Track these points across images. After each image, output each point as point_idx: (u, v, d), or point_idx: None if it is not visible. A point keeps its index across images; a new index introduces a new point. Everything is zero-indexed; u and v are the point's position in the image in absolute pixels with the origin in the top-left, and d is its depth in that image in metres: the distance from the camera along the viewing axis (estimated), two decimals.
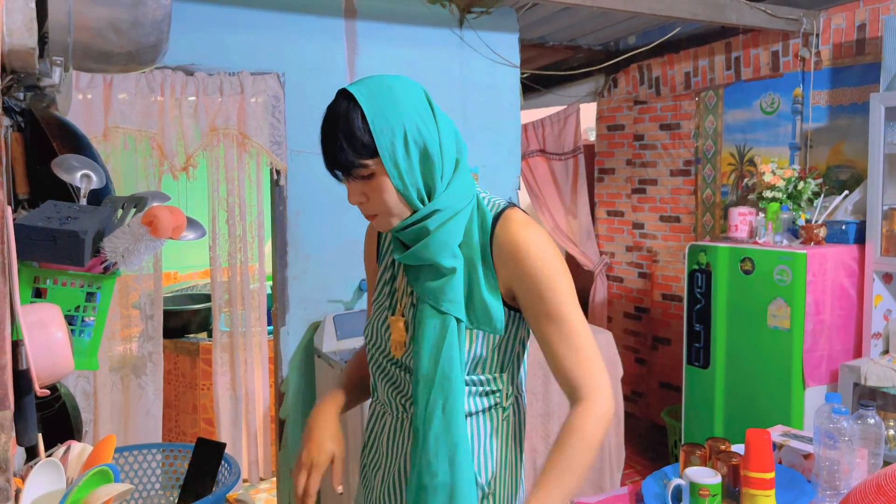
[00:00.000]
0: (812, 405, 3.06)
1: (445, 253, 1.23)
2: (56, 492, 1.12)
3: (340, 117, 1.18)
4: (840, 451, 1.65)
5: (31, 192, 1.37)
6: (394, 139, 1.18)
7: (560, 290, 1.24)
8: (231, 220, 3.12)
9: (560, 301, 1.23)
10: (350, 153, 1.17)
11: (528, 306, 1.26)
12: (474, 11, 3.44)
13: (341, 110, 1.19)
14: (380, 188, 1.20)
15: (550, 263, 1.24)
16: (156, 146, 2.78)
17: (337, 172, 1.22)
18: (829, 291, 3.12)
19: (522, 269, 1.23)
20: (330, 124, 1.19)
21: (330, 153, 1.20)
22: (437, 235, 1.23)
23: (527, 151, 5.06)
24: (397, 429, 1.35)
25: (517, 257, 1.23)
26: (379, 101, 1.18)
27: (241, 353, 3.36)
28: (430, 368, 1.24)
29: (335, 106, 1.20)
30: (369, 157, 1.18)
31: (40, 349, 1.00)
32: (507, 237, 1.25)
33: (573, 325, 1.24)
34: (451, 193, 1.24)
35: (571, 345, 1.24)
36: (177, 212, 1.24)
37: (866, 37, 3.38)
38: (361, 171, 1.19)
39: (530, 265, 1.23)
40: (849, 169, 3.47)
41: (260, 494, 3.81)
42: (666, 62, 4.42)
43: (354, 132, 1.17)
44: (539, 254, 1.23)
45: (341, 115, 1.18)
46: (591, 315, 4.99)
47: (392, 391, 1.35)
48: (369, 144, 1.17)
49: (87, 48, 1.04)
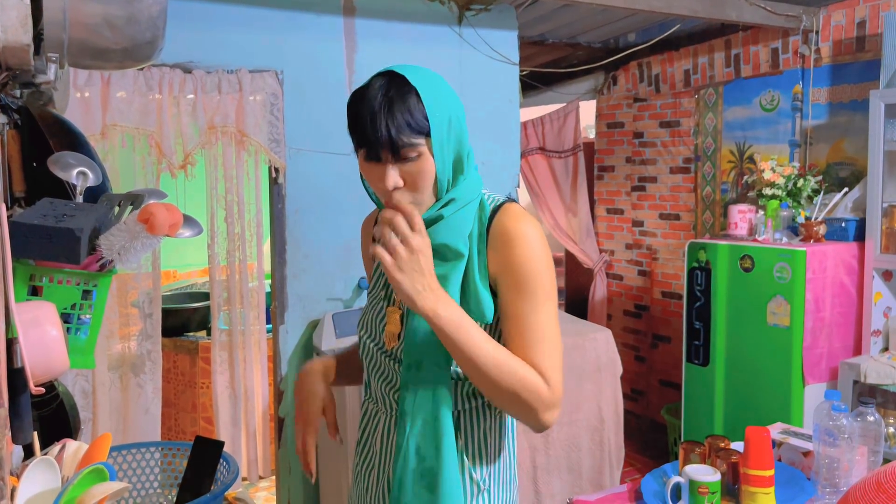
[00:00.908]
0: (812, 403, 3.05)
1: (456, 237, 1.25)
2: (51, 490, 1.12)
3: (395, 96, 1.16)
4: (840, 449, 1.64)
5: (28, 189, 1.36)
6: (443, 123, 1.19)
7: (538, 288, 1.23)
8: (230, 218, 3.12)
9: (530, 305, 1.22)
10: (406, 131, 1.15)
11: (503, 294, 1.25)
12: (473, 9, 3.43)
13: (394, 89, 1.16)
14: (421, 171, 1.19)
15: (536, 258, 1.23)
16: (154, 144, 2.78)
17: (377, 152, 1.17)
18: (829, 289, 3.12)
19: (508, 257, 1.24)
20: (381, 103, 1.16)
21: (381, 131, 1.15)
22: (451, 221, 1.25)
23: (526, 149, 5.05)
24: (391, 427, 1.34)
25: (507, 245, 1.24)
26: (431, 83, 1.19)
27: (240, 352, 3.36)
28: (421, 354, 1.25)
29: (386, 85, 1.17)
30: (422, 137, 1.17)
31: (35, 347, 0.99)
32: (501, 226, 1.26)
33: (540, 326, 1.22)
34: (467, 185, 1.27)
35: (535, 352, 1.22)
36: (173, 209, 1.24)
37: (866, 34, 3.37)
38: (410, 150, 1.17)
39: (517, 254, 1.23)
40: (849, 166, 3.47)
41: (259, 493, 3.81)
42: (666, 59, 4.41)
43: (412, 110, 1.16)
44: (528, 246, 1.23)
45: (396, 93, 1.16)
46: (590, 313, 4.99)
47: (384, 385, 1.34)
48: (424, 124, 1.17)
49: (83, 45, 1.04)
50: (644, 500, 1.69)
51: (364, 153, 1.20)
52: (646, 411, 4.76)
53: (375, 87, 1.17)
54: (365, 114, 1.17)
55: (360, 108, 1.17)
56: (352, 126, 1.20)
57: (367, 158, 1.20)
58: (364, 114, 1.17)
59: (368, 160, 1.20)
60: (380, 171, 1.19)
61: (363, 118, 1.17)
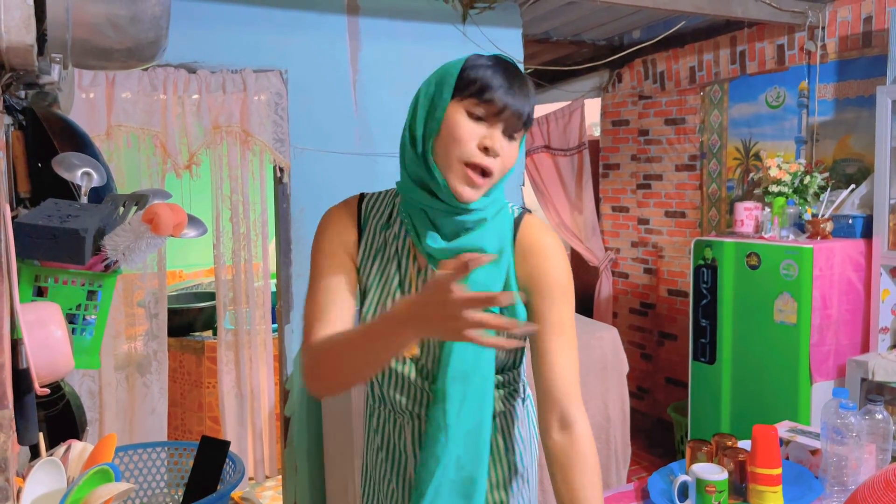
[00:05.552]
0: (819, 400, 3.04)
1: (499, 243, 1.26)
2: (56, 491, 1.11)
3: (527, 80, 1.22)
4: (848, 447, 1.64)
5: (33, 190, 1.36)
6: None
7: (568, 302, 1.29)
8: (235, 217, 3.12)
9: (567, 313, 1.29)
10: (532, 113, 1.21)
11: (538, 311, 1.28)
12: (477, 7, 3.43)
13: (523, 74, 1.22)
14: (514, 151, 1.22)
15: (567, 274, 1.30)
16: (159, 144, 2.78)
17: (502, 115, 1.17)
18: (836, 286, 3.11)
19: (542, 273, 1.28)
20: (522, 78, 1.20)
21: (520, 101, 1.18)
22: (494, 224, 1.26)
23: (531, 147, 5.04)
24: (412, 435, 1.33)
25: (540, 261, 1.28)
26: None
27: (245, 351, 3.36)
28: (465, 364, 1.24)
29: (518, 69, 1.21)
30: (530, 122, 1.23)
31: (40, 348, 0.99)
32: (532, 240, 1.29)
33: (573, 339, 1.29)
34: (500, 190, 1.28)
35: (571, 360, 1.29)
36: (177, 209, 1.24)
37: (872, 29, 3.35)
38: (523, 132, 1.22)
39: (551, 271, 1.28)
40: (855, 162, 3.45)
41: (265, 492, 3.82)
42: (671, 57, 4.40)
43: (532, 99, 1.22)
44: (560, 263, 1.29)
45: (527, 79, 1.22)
46: (596, 311, 4.98)
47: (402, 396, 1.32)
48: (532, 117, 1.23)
49: (86, 45, 1.04)
50: (651, 498, 1.68)
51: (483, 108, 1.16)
52: (652, 409, 4.74)
53: (509, 64, 1.20)
54: (509, 78, 1.17)
55: (504, 72, 1.18)
56: (482, 80, 1.16)
57: (478, 116, 1.16)
58: (508, 78, 1.17)
59: (477, 118, 1.17)
60: (481, 131, 1.17)
61: (508, 81, 1.17)
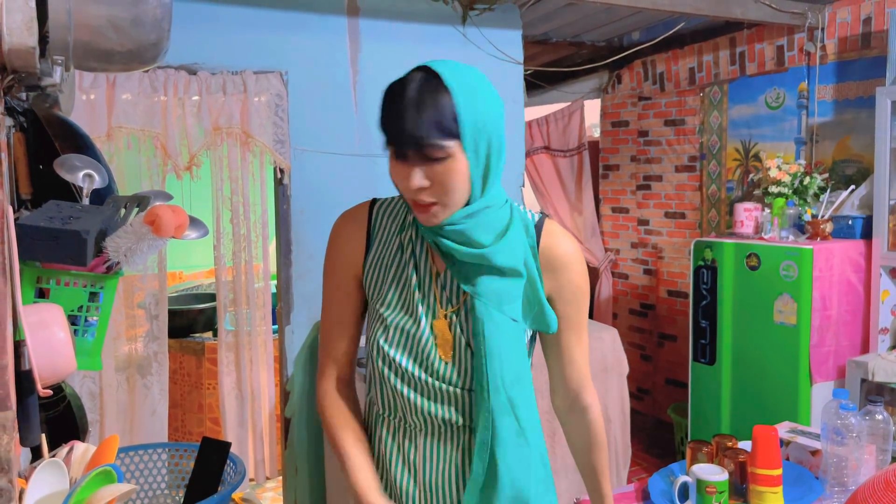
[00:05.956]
0: (819, 401, 3.04)
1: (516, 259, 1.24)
2: (59, 492, 1.12)
3: (428, 94, 1.12)
4: (848, 448, 1.64)
5: (34, 192, 1.36)
6: (474, 126, 1.14)
7: (587, 302, 1.37)
8: (235, 219, 3.12)
9: (586, 312, 1.38)
10: (434, 132, 1.11)
11: (563, 315, 1.34)
12: (477, 8, 3.43)
13: (429, 87, 1.12)
14: (450, 172, 1.14)
15: (587, 278, 1.36)
16: (159, 146, 2.78)
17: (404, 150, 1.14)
18: (836, 287, 3.11)
19: (567, 282, 1.32)
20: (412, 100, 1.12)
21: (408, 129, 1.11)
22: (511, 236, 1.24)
23: (531, 148, 5.04)
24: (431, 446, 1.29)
25: (567, 269, 1.32)
26: (468, 84, 1.14)
27: (246, 353, 3.37)
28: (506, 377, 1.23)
29: (421, 82, 1.13)
30: (452, 139, 1.13)
31: (42, 349, 0.99)
32: (558, 248, 1.31)
33: (587, 333, 1.40)
34: (497, 190, 1.25)
35: (586, 353, 1.39)
36: (179, 211, 1.24)
37: (872, 30, 3.35)
38: (437, 151, 1.12)
39: (576, 278, 1.33)
40: (855, 163, 3.45)
41: (266, 493, 3.82)
42: (670, 58, 4.40)
43: (443, 111, 1.11)
44: (583, 270, 1.35)
45: (429, 92, 1.12)
46: (596, 312, 4.98)
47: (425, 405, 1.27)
48: (453, 126, 1.12)
49: (88, 47, 1.04)
50: (651, 499, 1.68)
51: (393, 146, 1.16)
52: (652, 410, 4.74)
53: (410, 83, 1.13)
54: (395, 110, 1.13)
55: (392, 103, 1.14)
56: (382, 120, 1.16)
57: (395, 156, 1.16)
58: (394, 110, 1.13)
59: (397, 158, 1.16)
60: (406, 170, 1.15)
61: (393, 114, 1.13)
